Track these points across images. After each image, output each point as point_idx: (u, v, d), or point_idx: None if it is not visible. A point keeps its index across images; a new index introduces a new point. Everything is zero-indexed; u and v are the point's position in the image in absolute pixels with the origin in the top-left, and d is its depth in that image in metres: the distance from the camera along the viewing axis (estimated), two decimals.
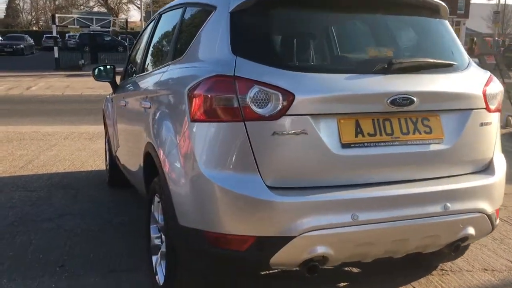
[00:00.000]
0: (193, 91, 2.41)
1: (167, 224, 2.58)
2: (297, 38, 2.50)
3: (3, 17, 70.69)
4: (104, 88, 15.63)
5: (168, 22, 3.56)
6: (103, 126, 5.76)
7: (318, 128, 2.29)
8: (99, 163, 6.37)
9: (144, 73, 3.76)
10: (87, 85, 17.51)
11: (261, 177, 2.25)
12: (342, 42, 2.64)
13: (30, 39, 41.94)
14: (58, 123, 9.76)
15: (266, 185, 2.25)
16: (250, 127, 2.25)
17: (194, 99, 2.39)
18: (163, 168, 2.60)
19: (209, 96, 2.32)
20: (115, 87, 4.82)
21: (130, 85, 4.13)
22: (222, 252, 2.34)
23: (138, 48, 4.48)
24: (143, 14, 38.83)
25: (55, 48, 26.27)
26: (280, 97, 2.24)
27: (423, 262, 3.27)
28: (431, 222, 2.40)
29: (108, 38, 37.30)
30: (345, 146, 2.33)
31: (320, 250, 2.29)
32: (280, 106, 2.24)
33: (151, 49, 3.85)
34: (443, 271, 3.34)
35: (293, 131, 2.25)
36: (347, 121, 2.35)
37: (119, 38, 39.83)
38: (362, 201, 2.30)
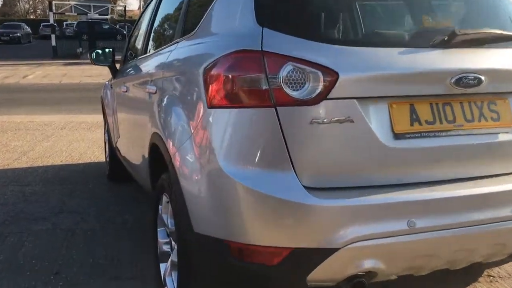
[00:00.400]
0: (210, 71, 1.98)
1: (179, 230, 2.17)
2: (339, 5, 2.06)
3: (0, 6, 69.86)
4: (103, 76, 15.21)
5: None
6: (102, 115, 5.38)
7: (366, 115, 1.86)
8: (98, 155, 5.99)
9: (147, 54, 3.32)
10: (85, 74, 17.11)
11: (296, 175, 1.83)
12: (392, 10, 2.19)
13: (27, 27, 41.37)
14: (55, 112, 9.38)
15: (302, 185, 1.83)
16: (283, 113, 1.82)
17: (211, 80, 1.97)
18: (173, 163, 2.17)
19: (230, 76, 1.89)
20: (115, 72, 4.40)
21: (131, 68, 3.70)
22: (248, 267, 1.93)
23: (140, 28, 4.04)
24: (141, 2, 38.17)
25: (53, 36, 25.82)
26: (320, 77, 1.81)
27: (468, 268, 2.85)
28: (499, 228, 1.98)
29: (106, 26, 36.69)
30: (398, 136, 1.91)
31: (369, 264, 1.87)
32: (320, 88, 1.81)
33: (155, 26, 3.40)
34: (491, 277, 2.94)
35: (336, 119, 1.83)
36: (400, 106, 1.92)
37: (118, 26, 39.20)
38: (420, 204, 1.88)
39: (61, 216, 3.94)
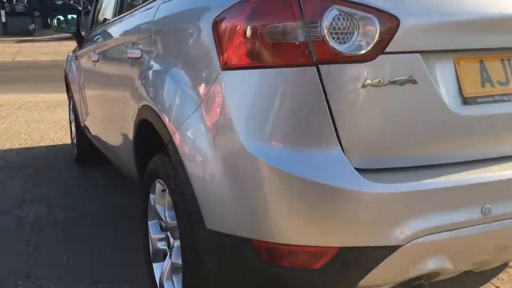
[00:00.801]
0: (222, 22, 1.53)
1: (186, 227, 1.72)
2: None
3: None
4: (60, 53, 14.38)
5: None
6: (63, 94, 4.86)
7: (431, 74, 1.46)
8: (62, 136, 5.45)
9: (124, 14, 2.79)
10: (40, 51, 16.20)
11: (345, 153, 1.42)
12: None
13: None
14: (9, 92, 8.64)
15: (353, 167, 1.41)
16: (327, 74, 1.40)
17: (225, 34, 1.52)
18: (174, 143, 1.72)
19: (253, 27, 1.45)
20: (80, 41, 3.86)
21: (102, 33, 3.18)
22: (281, 272, 1.51)
23: None
24: None
25: (2, 12, 24.53)
26: (376, 24, 1.39)
27: None
28: None
29: (59, 2, 35.03)
30: (468, 101, 1.51)
31: (434, 263, 1.49)
32: (375, 39, 1.39)
33: None
34: None
35: (394, 79, 1.42)
36: (468, 63, 1.52)
37: (72, 1, 37.53)
38: (496, 185, 1.50)
39: (26, 207, 3.42)
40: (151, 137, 2.00)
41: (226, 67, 1.52)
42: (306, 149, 1.42)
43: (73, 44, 4.21)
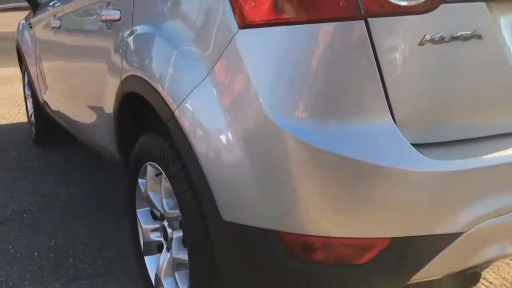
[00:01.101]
0: None
1: (195, 218, 1.45)
2: None
3: None
4: (11, 26, 13.49)
5: None
6: (12, 68, 4.41)
7: (497, 28, 1.22)
8: (16, 114, 5.00)
9: None
10: None
11: (397, 126, 1.17)
12: None
13: None
14: None
15: (408, 142, 1.18)
16: (378, 29, 1.14)
17: None
18: (178, 119, 1.42)
19: None
20: (35, 6, 3.44)
21: None
22: (318, 269, 1.27)
23: None
24: None
25: None
26: None
27: None
28: None
29: None
30: None
31: (496, 250, 1.29)
32: None
33: None
34: None
35: (458, 34, 1.17)
36: None
37: None
38: None
39: None
40: (140, 113, 1.71)
41: (244, 24, 1.24)
42: (349, 122, 1.17)
43: (13, 15, 3.77)
